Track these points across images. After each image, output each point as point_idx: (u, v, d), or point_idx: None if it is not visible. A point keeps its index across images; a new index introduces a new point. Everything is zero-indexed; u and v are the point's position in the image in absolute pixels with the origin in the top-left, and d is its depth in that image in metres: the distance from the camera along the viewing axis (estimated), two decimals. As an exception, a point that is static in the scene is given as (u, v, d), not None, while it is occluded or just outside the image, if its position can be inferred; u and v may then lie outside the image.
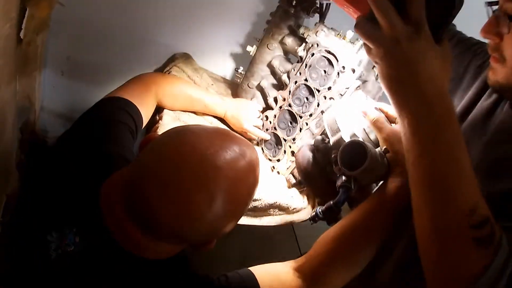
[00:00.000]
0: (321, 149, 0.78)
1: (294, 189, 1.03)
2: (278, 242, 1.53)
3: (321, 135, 0.98)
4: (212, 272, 0.65)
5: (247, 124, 1.07)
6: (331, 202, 0.69)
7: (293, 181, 1.02)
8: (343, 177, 0.70)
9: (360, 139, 0.69)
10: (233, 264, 1.53)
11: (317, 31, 0.98)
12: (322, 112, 0.79)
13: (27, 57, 1.11)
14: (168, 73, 1.14)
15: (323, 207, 0.70)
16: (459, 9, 0.49)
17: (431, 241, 0.51)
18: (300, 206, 1.01)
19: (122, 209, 0.56)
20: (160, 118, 1.00)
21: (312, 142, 0.93)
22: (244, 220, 0.97)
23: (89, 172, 0.63)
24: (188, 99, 1.03)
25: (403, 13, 0.46)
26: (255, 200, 0.94)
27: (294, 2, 1.02)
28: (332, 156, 0.75)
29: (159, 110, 1.02)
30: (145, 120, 0.89)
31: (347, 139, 0.71)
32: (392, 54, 0.47)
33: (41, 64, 1.15)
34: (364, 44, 0.51)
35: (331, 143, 0.74)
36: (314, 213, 0.71)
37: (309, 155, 0.79)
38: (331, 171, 0.80)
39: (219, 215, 0.54)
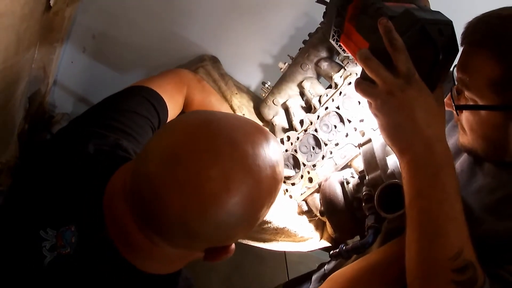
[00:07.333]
0: (351, 183, 0.73)
1: (304, 217, 0.98)
2: (268, 263, 1.51)
3: (345, 167, 0.95)
4: (197, 281, 0.59)
5: None
6: (358, 243, 0.65)
7: (305, 208, 0.97)
8: (373, 217, 0.67)
9: (399, 181, 0.65)
10: (219, 275, 1.47)
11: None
12: (360, 145, 0.75)
13: (52, 26, 1.05)
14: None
15: (349, 246, 0.66)
16: (448, 59, 0.52)
17: (415, 276, 0.52)
18: (308, 236, 0.96)
19: (122, 203, 0.48)
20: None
21: (338, 173, 0.89)
22: (249, 242, 0.91)
23: (98, 167, 0.56)
24: None
25: (394, 66, 0.50)
26: (266, 222, 0.88)
27: (335, 30, 0.99)
28: (363, 193, 0.71)
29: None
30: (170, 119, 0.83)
31: (385, 179, 0.67)
32: (388, 104, 0.51)
33: (64, 37, 1.09)
34: (367, 101, 0.54)
35: (366, 179, 0.70)
36: (338, 250, 0.67)
37: (337, 187, 0.75)
38: (358, 207, 0.76)
39: (235, 203, 0.43)
